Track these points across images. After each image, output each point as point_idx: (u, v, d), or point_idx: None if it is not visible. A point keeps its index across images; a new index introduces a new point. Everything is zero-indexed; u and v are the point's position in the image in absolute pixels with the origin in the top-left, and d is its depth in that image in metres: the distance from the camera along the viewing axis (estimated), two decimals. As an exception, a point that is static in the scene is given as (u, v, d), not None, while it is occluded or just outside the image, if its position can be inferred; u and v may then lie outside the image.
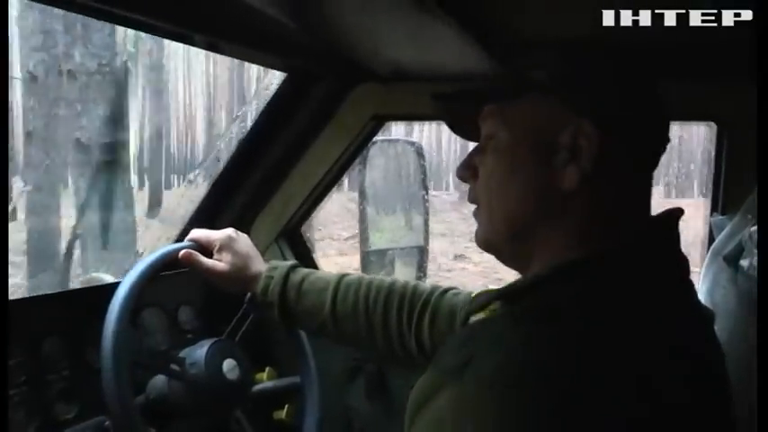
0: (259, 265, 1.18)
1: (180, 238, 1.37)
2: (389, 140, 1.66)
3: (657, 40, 0.96)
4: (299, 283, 1.14)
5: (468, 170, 0.79)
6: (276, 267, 1.17)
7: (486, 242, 0.77)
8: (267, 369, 1.28)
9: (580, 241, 0.69)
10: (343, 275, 1.16)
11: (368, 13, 0.94)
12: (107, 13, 0.88)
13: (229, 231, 1.20)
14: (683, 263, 0.71)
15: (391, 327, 1.10)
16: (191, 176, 1.65)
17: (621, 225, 0.69)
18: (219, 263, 1.16)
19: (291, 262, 1.19)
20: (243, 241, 1.20)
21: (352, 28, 1.04)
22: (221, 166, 1.39)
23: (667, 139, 0.75)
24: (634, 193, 0.72)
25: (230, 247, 1.17)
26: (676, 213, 0.72)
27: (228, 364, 1.12)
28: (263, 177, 1.43)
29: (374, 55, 1.19)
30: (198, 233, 1.21)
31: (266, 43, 1.11)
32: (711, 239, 1.15)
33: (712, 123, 1.24)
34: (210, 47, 1.14)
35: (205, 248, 1.18)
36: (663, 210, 0.73)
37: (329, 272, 1.20)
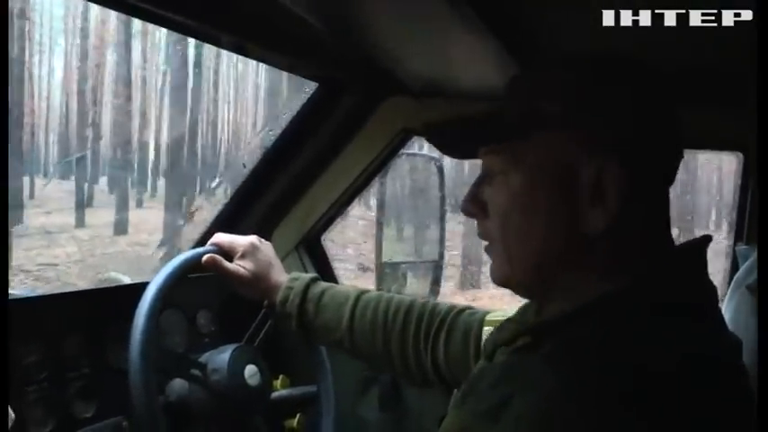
0: (280, 274, 1.18)
1: (201, 242, 1.37)
2: (411, 154, 1.67)
3: (680, 63, 0.95)
4: (319, 297, 1.14)
5: (474, 206, 0.74)
6: (297, 279, 1.16)
7: (504, 281, 0.73)
8: (281, 377, 1.27)
9: (606, 275, 0.67)
10: (363, 291, 1.16)
11: (403, 25, 0.94)
12: (136, 9, 0.89)
13: (253, 239, 1.20)
14: (710, 291, 0.69)
15: (408, 344, 1.09)
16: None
17: (647, 254, 0.67)
18: (241, 269, 1.16)
19: (312, 275, 1.19)
20: (266, 250, 1.20)
21: (386, 40, 1.04)
22: (247, 171, 1.39)
23: (682, 154, 0.71)
24: (656, 218, 0.69)
25: (253, 254, 1.17)
26: (704, 241, 0.70)
27: (250, 371, 1.12)
28: (288, 185, 1.43)
29: (406, 68, 1.19)
30: (222, 237, 1.20)
31: (299, 50, 1.11)
32: (735, 268, 1.15)
33: (739, 153, 1.24)
34: (241, 50, 1.14)
35: (227, 253, 1.18)
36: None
37: (349, 286, 1.20)
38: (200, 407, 1.09)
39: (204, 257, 1.14)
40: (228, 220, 1.41)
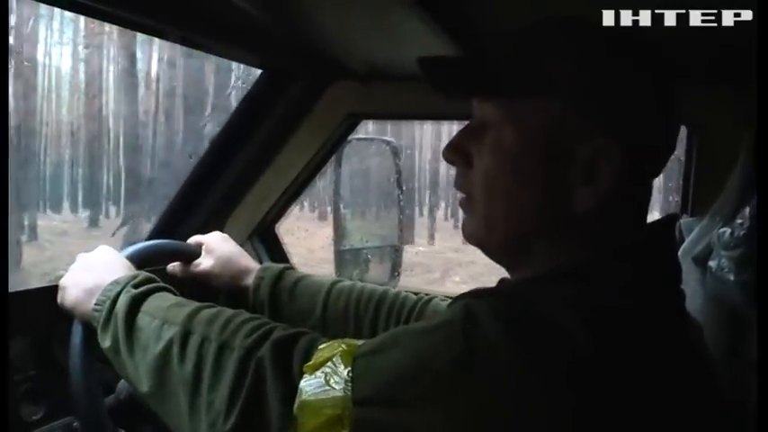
0: (249, 260, 1.19)
1: (151, 236, 1.35)
2: (364, 139, 1.66)
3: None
4: (292, 285, 1.15)
5: (458, 155, 0.70)
6: (268, 268, 1.17)
7: (478, 240, 0.71)
8: None
9: (577, 249, 0.65)
10: (337, 281, 1.16)
11: (345, 10, 0.93)
12: (78, 4, 0.87)
13: (217, 233, 1.23)
14: (677, 270, 0.69)
15: (379, 332, 1.06)
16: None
17: (621, 232, 0.66)
18: (204, 263, 1.18)
19: (284, 265, 1.20)
20: (230, 241, 1.22)
21: (329, 25, 1.04)
22: (194, 162, 1.38)
23: (674, 148, 0.70)
24: (640, 203, 0.69)
25: (218, 246, 1.19)
26: (672, 218, 0.70)
27: None
28: (237, 175, 1.42)
29: (350, 53, 1.19)
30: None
31: (243, 39, 1.10)
32: (681, 241, 1.17)
33: (682, 126, 1.25)
34: (185, 41, 1.12)
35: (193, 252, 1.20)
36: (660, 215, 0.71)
37: (323, 276, 1.20)
38: None
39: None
40: (178, 212, 1.40)
